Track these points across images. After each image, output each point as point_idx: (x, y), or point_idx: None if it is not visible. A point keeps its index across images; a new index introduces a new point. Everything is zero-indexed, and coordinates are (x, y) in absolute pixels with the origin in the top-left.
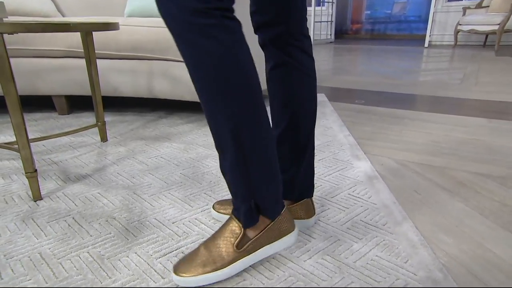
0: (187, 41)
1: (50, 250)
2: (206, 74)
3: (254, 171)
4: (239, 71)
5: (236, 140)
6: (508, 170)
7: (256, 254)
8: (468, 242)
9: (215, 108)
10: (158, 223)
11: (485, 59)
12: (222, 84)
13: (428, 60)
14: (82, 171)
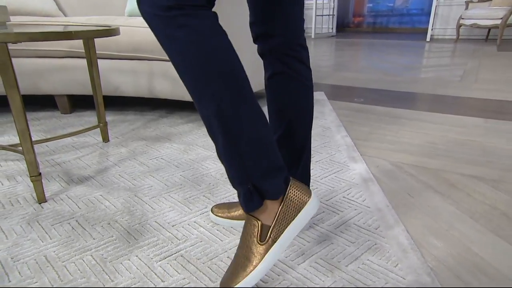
0: (164, 35)
1: (55, 253)
2: (184, 61)
3: (245, 152)
4: (215, 55)
5: (221, 121)
6: (501, 172)
7: (282, 239)
8: (457, 246)
9: (198, 93)
10: (158, 226)
11: (486, 54)
12: (200, 69)
13: (429, 56)
14: (84, 173)
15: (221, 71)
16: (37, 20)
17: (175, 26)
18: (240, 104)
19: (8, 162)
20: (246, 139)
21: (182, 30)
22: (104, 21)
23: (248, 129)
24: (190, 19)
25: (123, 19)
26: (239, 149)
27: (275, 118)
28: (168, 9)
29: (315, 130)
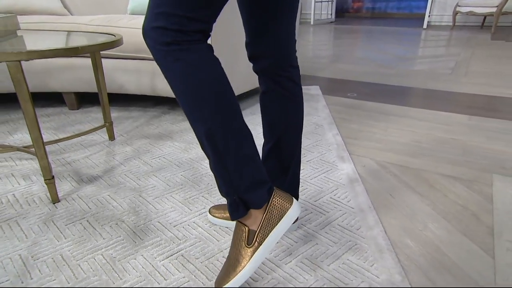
0: (164, 66)
1: (70, 252)
2: (180, 89)
3: (232, 168)
4: (206, 85)
5: (211, 141)
6: (477, 172)
7: (267, 242)
8: (428, 246)
9: (192, 116)
10: (161, 226)
11: (480, 44)
12: (193, 96)
13: (424, 45)
14: (93, 172)
15: (212, 98)
16: (44, 20)
17: (173, 59)
18: (228, 127)
19: (23, 161)
20: (233, 157)
21: (178, 63)
22: (108, 22)
23: (234, 148)
24: (186, 54)
25: (126, 20)
26: (226, 165)
27: (267, 130)
28: (167, 45)
29: (308, 128)
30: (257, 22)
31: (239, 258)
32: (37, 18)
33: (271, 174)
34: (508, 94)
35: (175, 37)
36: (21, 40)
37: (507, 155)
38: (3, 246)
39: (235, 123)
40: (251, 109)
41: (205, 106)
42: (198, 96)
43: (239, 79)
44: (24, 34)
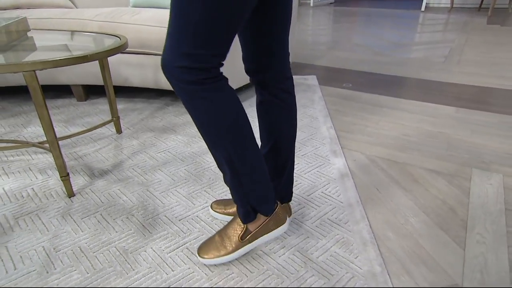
0: (187, 103)
1: (87, 244)
2: (203, 123)
3: (247, 185)
4: (227, 119)
5: (230, 165)
6: (458, 167)
7: (255, 242)
8: (408, 239)
9: (213, 144)
10: (167, 220)
11: (475, 28)
12: (215, 129)
13: (421, 30)
14: (103, 166)
15: (232, 130)
16: (51, 16)
17: (197, 97)
18: (245, 152)
19: (38, 155)
20: (248, 177)
21: (202, 100)
22: (112, 18)
23: (249, 169)
24: (209, 93)
25: (129, 16)
26: (242, 183)
27: (264, 135)
28: (191, 83)
29: (304, 121)
30: (253, 40)
31: (227, 245)
32: (45, 13)
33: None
34: (496, 85)
35: (199, 75)
36: (33, 44)
37: (487, 148)
38: (28, 238)
39: (251, 151)
40: (249, 101)
41: (226, 137)
42: (221, 129)
43: (239, 72)
44: (35, 35)
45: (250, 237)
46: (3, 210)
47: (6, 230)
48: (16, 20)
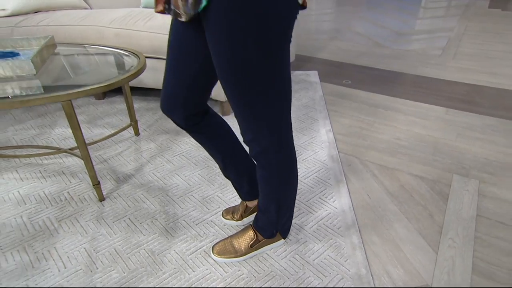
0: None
1: (120, 246)
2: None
3: (281, 220)
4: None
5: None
6: (441, 172)
7: (262, 250)
8: (390, 243)
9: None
10: (186, 224)
11: (476, 14)
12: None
13: (423, 15)
14: (126, 170)
15: (292, 189)
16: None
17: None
18: (292, 201)
19: (68, 158)
20: (286, 217)
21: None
22: (126, 25)
23: (289, 212)
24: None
25: (142, 22)
26: (278, 219)
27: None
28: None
29: (305, 123)
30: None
31: (237, 250)
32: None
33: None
34: (486, 82)
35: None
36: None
37: (469, 153)
38: (71, 240)
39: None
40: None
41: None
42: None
43: None
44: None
45: (258, 245)
46: (47, 213)
47: (52, 232)
48: (46, 42)
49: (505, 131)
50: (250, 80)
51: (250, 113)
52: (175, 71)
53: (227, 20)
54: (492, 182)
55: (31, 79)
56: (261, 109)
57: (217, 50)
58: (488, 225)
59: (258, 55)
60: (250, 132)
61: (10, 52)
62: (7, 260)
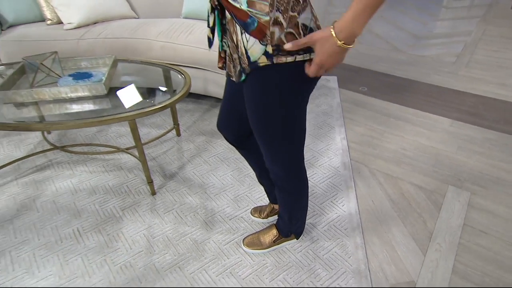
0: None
1: (171, 234)
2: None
3: (295, 228)
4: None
5: (290, 219)
6: (438, 183)
7: (281, 245)
8: (387, 245)
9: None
10: (221, 219)
11: (496, 16)
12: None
13: (443, 16)
14: (171, 168)
15: (302, 206)
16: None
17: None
18: (303, 213)
19: (124, 155)
20: (297, 224)
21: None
22: (170, 38)
23: (302, 220)
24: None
25: (184, 36)
26: (290, 225)
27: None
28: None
29: (323, 130)
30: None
31: (263, 244)
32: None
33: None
34: (494, 94)
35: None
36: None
37: (466, 166)
38: (133, 226)
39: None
40: None
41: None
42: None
43: None
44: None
45: (279, 241)
46: (113, 203)
47: (118, 219)
48: (112, 65)
49: (502, 146)
50: (272, 131)
51: (270, 151)
52: (228, 106)
53: (257, 90)
54: (481, 195)
55: (102, 99)
56: (278, 150)
57: (249, 106)
58: (472, 234)
59: (279, 115)
60: (269, 163)
61: (85, 73)
62: (88, 239)
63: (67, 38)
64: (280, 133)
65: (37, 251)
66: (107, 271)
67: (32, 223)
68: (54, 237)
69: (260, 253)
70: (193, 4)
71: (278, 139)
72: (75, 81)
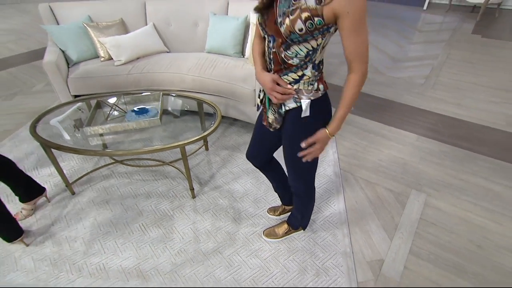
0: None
1: (210, 228)
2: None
3: (304, 223)
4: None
5: (301, 218)
6: (404, 187)
7: (290, 235)
8: (366, 234)
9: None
10: (246, 216)
11: (459, 40)
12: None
13: (417, 39)
14: (205, 177)
15: (311, 208)
16: (161, 70)
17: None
18: (310, 212)
19: (168, 167)
20: (305, 220)
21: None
22: (199, 72)
23: (307, 218)
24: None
25: (211, 70)
26: (301, 221)
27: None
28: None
29: None
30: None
31: (277, 234)
32: (156, 66)
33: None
34: (452, 113)
35: None
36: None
37: (425, 174)
38: (182, 223)
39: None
40: None
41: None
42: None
43: None
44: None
45: (289, 232)
46: (165, 205)
47: (170, 217)
48: (161, 100)
49: (453, 157)
50: (298, 162)
51: (297, 173)
52: (257, 143)
53: (292, 135)
54: (435, 196)
55: (156, 129)
56: (300, 174)
57: (284, 144)
58: (425, 225)
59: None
60: (293, 181)
61: (143, 108)
62: (151, 231)
63: (118, 73)
64: (306, 164)
65: (117, 240)
66: (169, 255)
67: (109, 220)
68: (127, 230)
69: (276, 241)
70: (214, 42)
71: (303, 169)
72: (137, 116)
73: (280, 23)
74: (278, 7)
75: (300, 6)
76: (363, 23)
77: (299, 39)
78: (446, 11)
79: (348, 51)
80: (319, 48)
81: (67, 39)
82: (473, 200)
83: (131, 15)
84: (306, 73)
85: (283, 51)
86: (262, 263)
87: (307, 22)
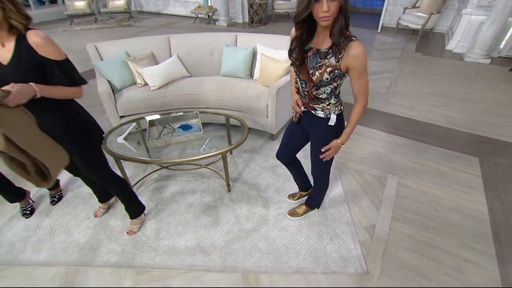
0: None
1: (246, 213)
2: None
3: (319, 204)
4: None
5: (318, 200)
6: (382, 173)
7: (308, 214)
8: (360, 208)
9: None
10: (272, 202)
11: (407, 57)
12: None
13: (375, 56)
14: (235, 175)
15: (325, 192)
16: (189, 92)
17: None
18: (324, 195)
19: (203, 169)
20: (320, 201)
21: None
22: (220, 93)
23: (321, 199)
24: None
25: (229, 91)
26: (318, 202)
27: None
28: None
29: None
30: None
31: (298, 213)
32: (186, 88)
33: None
34: (408, 115)
35: None
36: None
37: (395, 162)
38: (224, 211)
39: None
40: None
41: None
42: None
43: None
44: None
45: (307, 211)
46: (208, 198)
47: (214, 207)
48: (198, 119)
49: (413, 148)
50: (320, 159)
51: (320, 168)
52: (287, 145)
53: (319, 138)
54: (404, 178)
55: (200, 141)
56: (320, 167)
57: (312, 144)
58: (400, 199)
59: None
60: (315, 172)
61: (186, 124)
62: (202, 219)
63: (155, 96)
64: (328, 161)
65: (178, 227)
66: (220, 235)
67: (167, 213)
68: (184, 219)
69: (298, 218)
70: (228, 67)
71: (325, 164)
72: (184, 132)
73: (312, 73)
74: (309, 62)
75: (325, 63)
76: (365, 72)
77: (325, 83)
78: (394, 33)
79: (355, 89)
80: (338, 86)
81: (112, 71)
82: (429, 178)
83: (159, 49)
84: (331, 101)
85: (314, 91)
86: (291, 235)
87: (330, 73)
